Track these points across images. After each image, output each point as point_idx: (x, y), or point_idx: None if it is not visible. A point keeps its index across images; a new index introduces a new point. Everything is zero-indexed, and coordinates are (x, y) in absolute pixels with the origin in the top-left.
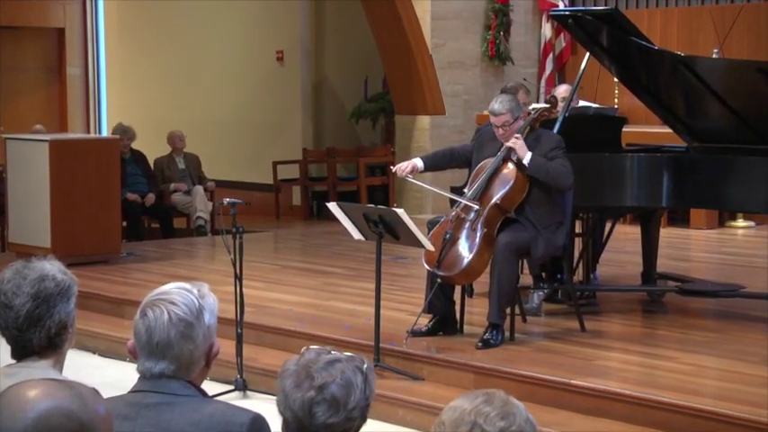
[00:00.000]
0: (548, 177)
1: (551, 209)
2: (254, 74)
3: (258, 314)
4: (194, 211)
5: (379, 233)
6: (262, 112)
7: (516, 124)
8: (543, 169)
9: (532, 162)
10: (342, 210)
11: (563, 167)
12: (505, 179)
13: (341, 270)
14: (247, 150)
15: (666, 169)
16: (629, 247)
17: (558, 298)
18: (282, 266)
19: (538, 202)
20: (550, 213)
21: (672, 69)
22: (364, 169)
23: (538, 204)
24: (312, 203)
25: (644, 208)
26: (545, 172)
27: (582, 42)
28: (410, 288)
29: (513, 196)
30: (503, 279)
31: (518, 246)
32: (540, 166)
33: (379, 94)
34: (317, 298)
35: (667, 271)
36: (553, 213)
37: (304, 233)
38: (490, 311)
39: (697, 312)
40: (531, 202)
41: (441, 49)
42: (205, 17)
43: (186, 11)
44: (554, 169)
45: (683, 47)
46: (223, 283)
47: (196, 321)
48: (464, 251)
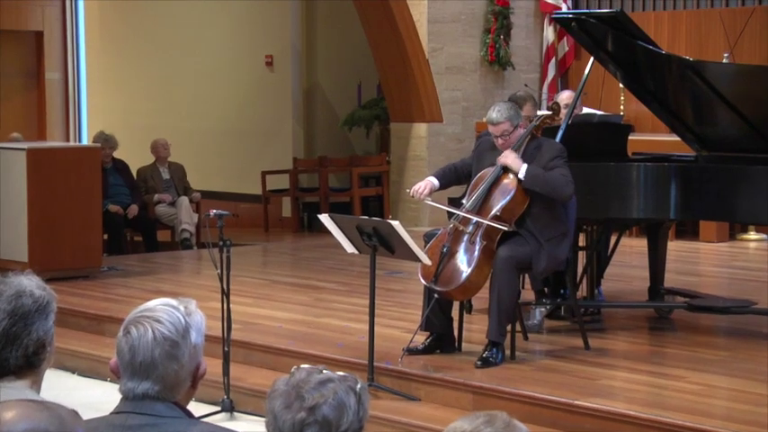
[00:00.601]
0: (546, 189)
1: (554, 221)
2: (242, 79)
3: (246, 331)
4: (179, 223)
5: (373, 246)
6: (250, 120)
7: (516, 133)
8: (541, 181)
9: (528, 175)
10: (334, 222)
11: (562, 177)
12: (505, 190)
13: (333, 285)
14: (235, 159)
15: (674, 179)
16: (636, 261)
17: (560, 314)
18: (272, 281)
19: (539, 213)
20: (553, 225)
21: (680, 75)
22: (358, 179)
23: (539, 216)
24: (303, 215)
25: (651, 220)
26: (542, 183)
27: (586, 46)
28: (406, 304)
29: (514, 207)
30: (503, 294)
31: (519, 260)
32: (536, 179)
33: (374, 100)
34: (308, 314)
35: (675, 286)
36: (556, 225)
37: (294, 246)
38: (490, 329)
39: (707, 329)
40: (532, 213)
41: (438, 54)
42: (191, 20)
43: (171, 14)
44: (552, 180)
45: (691, 51)
46: (209, 298)
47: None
48: (462, 265)
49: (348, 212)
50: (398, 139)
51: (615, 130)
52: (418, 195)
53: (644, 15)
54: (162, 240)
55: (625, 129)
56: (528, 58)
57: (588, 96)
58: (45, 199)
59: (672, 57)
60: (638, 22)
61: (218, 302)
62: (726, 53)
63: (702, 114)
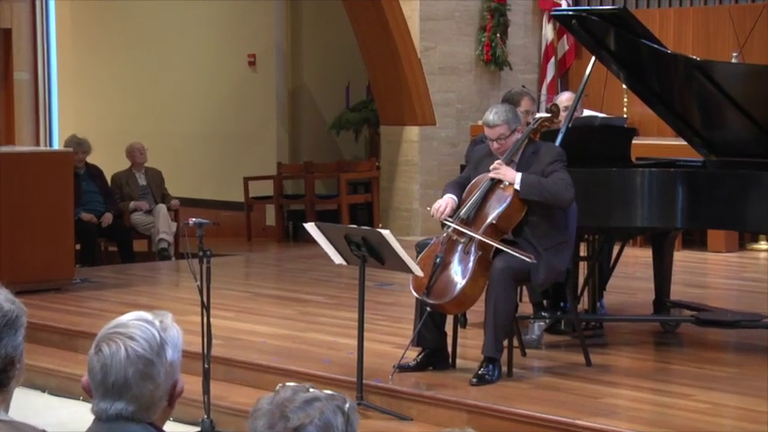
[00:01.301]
0: (544, 196)
1: (553, 229)
2: (222, 80)
3: (227, 347)
4: (156, 232)
5: (362, 257)
6: (231, 123)
7: (513, 137)
8: (538, 188)
9: (524, 184)
10: (321, 231)
11: (561, 181)
12: (501, 196)
13: (320, 298)
14: (216, 165)
15: (681, 186)
16: (640, 273)
17: (560, 329)
18: (254, 294)
19: (538, 221)
20: (552, 234)
21: (686, 75)
22: (346, 186)
23: (538, 224)
24: (288, 224)
25: (656, 229)
26: (540, 191)
27: (587, 45)
28: (397, 318)
29: (511, 215)
30: (499, 308)
31: (516, 271)
32: (533, 187)
33: (363, 102)
34: (294, 329)
35: (682, 299)
36: (555, 234)
37: (279, 257)
38: (485, 344)
39: (715, 345)
40: (530, 221)
41: (431, 53)
42: (168, 18)
43: (147, 11)
44: (550, 185)
45: (699, 50)
46: (188, 312)
47: (156, 358)
48: (456, 276)
49: (336, 221)
50: (389, 144)
51: (618, 133)
52: (439, 215)
53: (648, 13)
54: (138, 251)
55: (628, 132)
56: (526, 58)
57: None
58: (14, 207)
59: (678, 56)
60: (642, 20)
61: (198, 316)
62: (735, 52)
63: (710, 117)
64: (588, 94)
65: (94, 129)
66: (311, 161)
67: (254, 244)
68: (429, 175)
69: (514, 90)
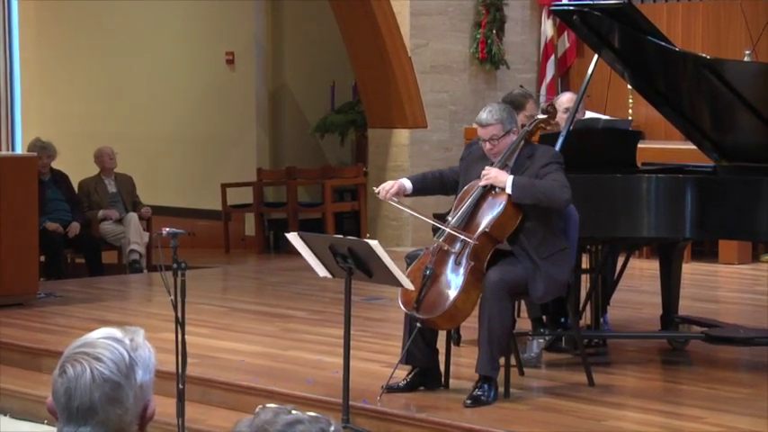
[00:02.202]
0: (539, 198)
1: (551, 236)
2: (198, 79)
3: (203, 366)
4: (127, 243)
5: (348, 269)
6: (208, 125)
7: (507, 139)
8: (531, 191)
9: (516, 187)
10: (304, 241)
11: (555, 182)
12: (495, 203)
13: (303, 313)
14: (191, 170)
15: (690, 193)
16: (646, 286)
17: (561, 346)
18: (233, 309)
19: (534, 228)
20: (550, 241)
21: (696, 75)
22: (331, 193)
23: (534, 231)
24: (268, 234)
25: (664, 239)
26: (533, 193)
27: (589, 42)
28: (386, 335)
29: (505, 223)
30: (494, 322)
31: (512, 283)
32: (525, 190)
33: (349, 103)
34: (275, 347)
35: (691, 314)
36: (553, 241)
37: (259, 269)
38: (479, 362)
39: (727, 363)
40: (525, 228)
41: (422, 51)
42: (140, 13)
43: (116, 6)
44: (544, 187)
45: (709, 48)
46: (161, 329)
47: (125, 381)
48: (447, 289)
49: (320, 230)
50: (377, 148)
51: (623, 137)
52: (384, 194)
53: (655, 8)
54: (107, 263)
55: (634, 136)
56: (524, 56)
57: (592, 99)
58: None
59: (687, 54)
60: (648, 15)
61: (172, 333)
62: (747, 50)
63: (721, 119)
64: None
65: (60, 131)
66: (294, 166)
67: (232, 255)
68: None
69: (517, 92)
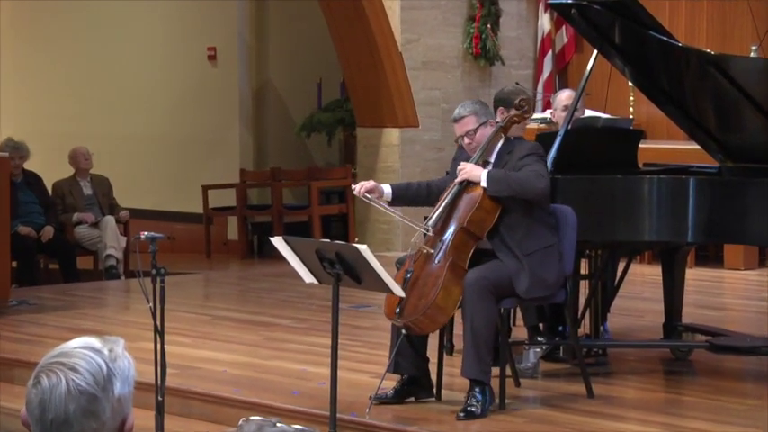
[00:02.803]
0: (513, 188)
1: (536, 231)
2: (178, 76)
3: (184, 377)
4: (103, 248)
5: (336, 275)
6: (189, 124)
7: (483, 131)
8: (505, 183)
9: (490, 179)
10: (289, 246)
11: (531, 171)
12: (471, 198)
13: (288, 322)
14: (171, 172)
15: (694, 195)
16: (648, 293)
17: (559, 356)
18: (214, 317)
19: (516, 223)
20: (534, 236)
21: (700, 71)
22: (317, 195)
23: (516, 226)
24: (252, 238)
25: (666, 243)
26: (507, 184)
27: (588, 38)
28: (375, 344)
29: (484, 218)
30: (477, 322)
31: (494, 281)
32: (500, 182)
33: (337, 101)
34: (258, 356)
35: (695, 322)
36: (538, 236)
37: (242, 275)
38: (465, 364)
39: (732, 374)
40: (506, 223)
41: (413, 47)
42: (117, 8)
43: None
44: (518, 178)
45: (714, 44)
46: (139, 338)
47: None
48: (427, 288)
49: (306, 234)
50: (366, 148)
51: (623, 136)
52: (358, 190)
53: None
54: (83, 268)
55: (635, 135)
56: (520, 52)
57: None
58: None
59: (690, 50)
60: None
61: (150, 342)
62: (754, 45)
63: (727, 118)
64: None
65: (33, 131)
66: (278, 167)
67: (213, 261)
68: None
69: (508, 89)
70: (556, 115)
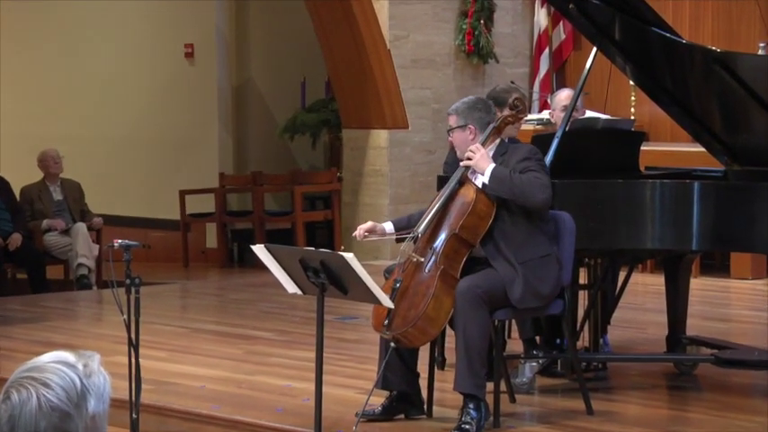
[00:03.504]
0: (513, 192)
1: (530, 239)
2: (153, 75)
3: (160, 393)
4: (75, 256)
5: (320, 285)
6: (164, 126)
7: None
8: (507, 184)
9: (493, 177)
10: (271, 254)
11: (536, 179)
12: (463, 203)
13: (270, 334)
14: (145, 176)
15: (698, 200)
16: (651, 303)
17: (556, 370)
18: (192, 330)
19: (511, 230)
20: (530, 245)
21: (705, 70)
22: (301, 201)
23: (511, 233)
24: (232, 246)
25: (669, 251)
26: (510, 187)
27: (587, 34)
28: (362, 358)
29: (476, 223)
30: (470, 333)
31: (488, 290)
32: (503, 182)
33: (321, 101)
34: (239, 371)
35: (700, 334)
36: (534, 245)
37: (221, 285)
38: (458, 378)
39: (739, 389)
40: (500, 229)
41: (402, 43)
42: (89, 5)
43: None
44: (521, 182)
45: (720, 42)
46: (113, 352)
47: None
48: (417, 298)
49: (289, 242)
50: (352, 151)
51: (624, 138)
52: (359, 232)
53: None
54: (53, 278)
55: (637, 137)
56: (515, 49)
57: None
58: None
59: (695, 47)
60: None
61: (125, 356)
62: (762, 43)
63: (733, 119)
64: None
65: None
66: (260, 171)
67: (191, 270)
68: (400, 188)
69: (501, 87)
70: (555, 116)
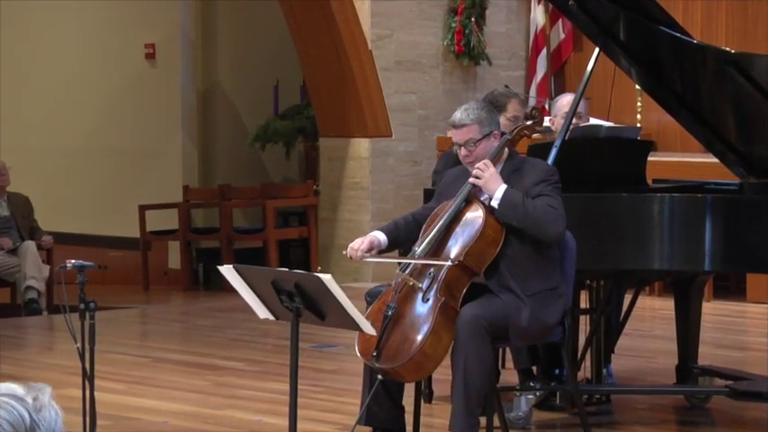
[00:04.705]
0: (525, 222)
1: (540, 269)
2: (111, 78)
3: (118, 429)
4: (23, 278)
5: (295, 310)
6: (123, 134)
7: (486, 144)
8: (520, 212)
9: (505, 201)
10: (241, 275)
11: (551, 210)
12: (470, 226)
13: (239, 364)
14: (102, 189)
15: (711, 216)
16: (659, 330)
17: (555, 403)
18: (154, 359)
19: (519, 258)
20: (539, 276)
21: (718, 72)
22: (274, 217)
23: (519, 262)
24: (197, 267)
25: (679, 273)
26: (522, 215)
27: (588, 33)
28: (341, 390)
29: (483, 250)
30: (471, 368)
31: (492, 320)
32: (515, 208)
33: (296, 107)
34: (205, 405)
35: (713, 364)
36: (543, 276)
37: (185, 310)
38: (453, 419)
39: (756, 424)
40: (509, 257)
41: (385, 44)
42: (39, 3)
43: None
44: (535, 211)
45: (734, 42)
46: (65, 384)
47: None
48: (413, 332)
49: (261, 262)
50: (330, 161)
51: (630, 147)
52: (355, 253)
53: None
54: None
55: (643, 146)
56: (510, 50)
57: (593, 102)
58: None
59: (707, 48)
60: None
61: (78, 389)
62: None
63: (749, 126)
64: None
65: None
66: (228, 184)
67: (152, 293)
68: (383, 203)
69: (498, 91)
70: (556, 123)
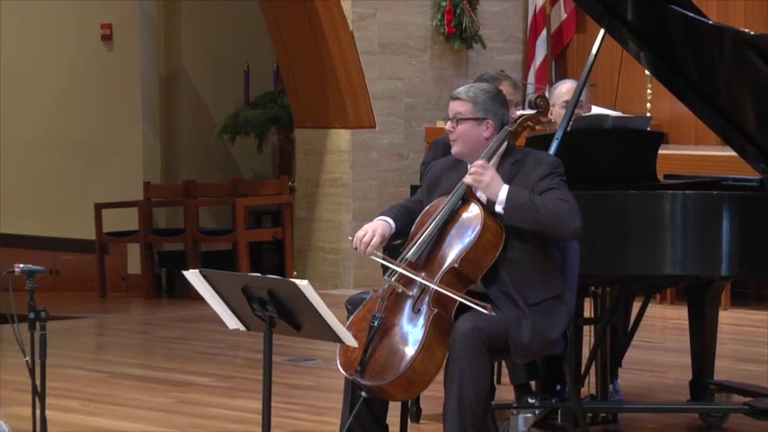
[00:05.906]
0: (538, 223)
1: (542, 277)
2: (62, 63)
3: None
4: None
5: (268, 319)
6: (76, 125)
7: (471, 129)
8: (531, 213)
9: (510, 202)
10: (208, 281)
11: (562, 203)
12: (466, 228)
13: (206, 380)
14: (53, 186)
15: (728, 216)
16: (671, 341)
17: (556, 422)
18: (111, 374)
19: (519, 263)
20: (541, 283)
21: (736, 56)
22: (244, 216)
23: (519, 268)
24: (159, 271)
25: (694, 278)
26: (533, 216)
27: (592, 13)
28: (319, 409)
29: (481, 257)
30: (466, 385)
31: (490, 334)
32: (524, 210)
33: (269, 94)
34: (170, 425)
35: (731, 379)
36: (545, 284)
37: (146, 320)
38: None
39: None
40: (510, 263)
41: (368, 24)
42: None
43: None
44: (547, 209)
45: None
46: (14, 401)
47: None
48: (402, 346)
49: (230, 267)
50: (307, 155)
51: (638, 140)
52: (363, 247)
53: None
54: None
55: (653, 138)
56: (506, 31)
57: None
58: None
59: (724, 29)
60: None
61: (28, 407)
62: None
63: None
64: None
65: None
66: (193, 180)
67: (110, 301)
68: (365, 201)
69: (489, 73)
70: (555, 113)
